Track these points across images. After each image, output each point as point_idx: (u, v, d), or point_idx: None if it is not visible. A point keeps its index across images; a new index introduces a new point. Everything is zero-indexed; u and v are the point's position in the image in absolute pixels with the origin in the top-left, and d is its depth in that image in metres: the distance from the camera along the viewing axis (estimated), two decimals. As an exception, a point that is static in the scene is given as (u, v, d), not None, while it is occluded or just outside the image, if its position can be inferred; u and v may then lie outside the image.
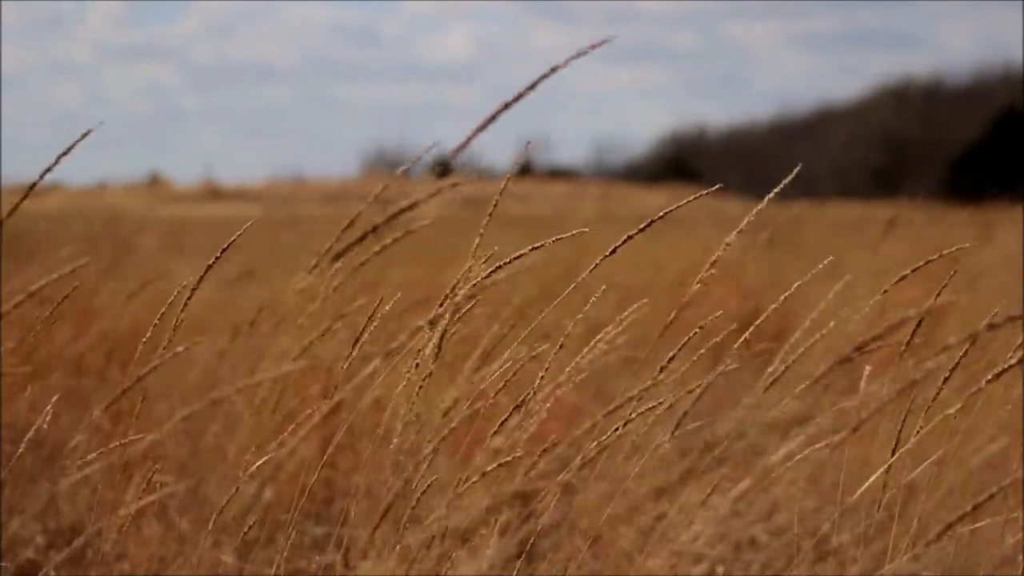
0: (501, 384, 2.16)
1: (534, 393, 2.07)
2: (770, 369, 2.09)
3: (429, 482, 1.97)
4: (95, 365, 4.60)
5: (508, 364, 2.18)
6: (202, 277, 2.15)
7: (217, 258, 2.10)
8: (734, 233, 2.06)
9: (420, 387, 2.03)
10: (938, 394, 2.13)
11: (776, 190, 2.13)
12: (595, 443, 2.01)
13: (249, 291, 6.37)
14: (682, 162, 57.17)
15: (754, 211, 2.11)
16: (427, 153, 2.11)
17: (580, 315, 2.16)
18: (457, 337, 2.16)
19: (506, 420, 1.94)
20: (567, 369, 2.13)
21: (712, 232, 8.45)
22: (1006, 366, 1.94)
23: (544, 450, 2.11)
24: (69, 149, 2.10)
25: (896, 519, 2.15)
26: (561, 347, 2.12)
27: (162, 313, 2.22)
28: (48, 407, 2.25)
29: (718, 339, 2.25)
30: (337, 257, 1.83)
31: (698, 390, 2.16)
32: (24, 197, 2.06)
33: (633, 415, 2.10)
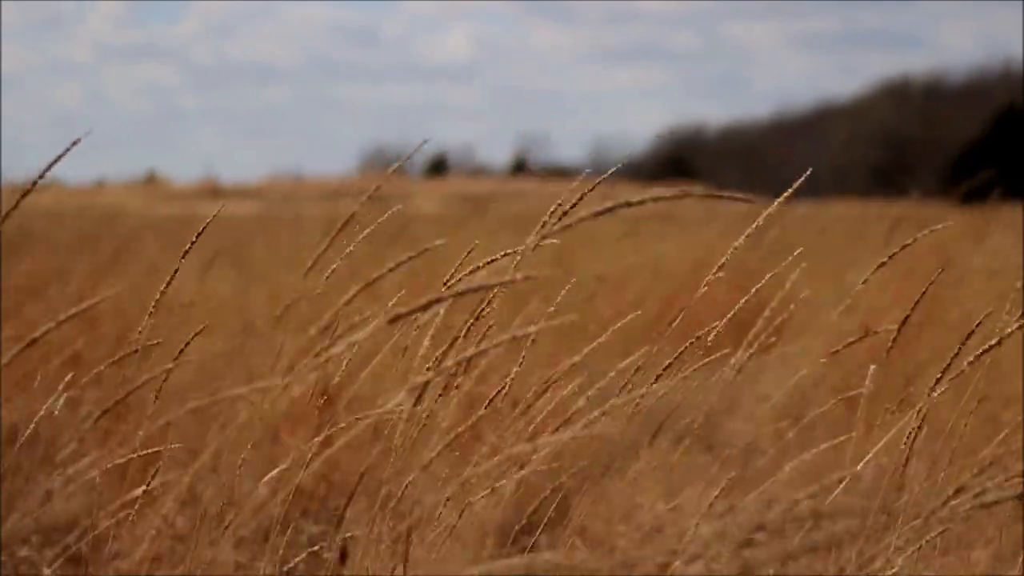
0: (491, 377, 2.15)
1: (507, 389, 2.07)
2: (744, 352, 2.08)
3: (413, 475, 1.97)
4: (93, 363, 4.59)
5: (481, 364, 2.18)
6: (179, 267, 2.16)
7: (193, 243, 2.10)
8: (743, 237, 2.06)
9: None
10: (933, 388, 2.12)
11: (787, 194, 2.13)
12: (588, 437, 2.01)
13: (253, 291, 6.37)
14: (681, 160, 57.15)
15: (761, 216, 2.10)
16: (419, 151, 2.10)
17: (551, 308, 2.16)
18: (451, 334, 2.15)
19: (499, 415, 1.94)
20: (566, 369, 2.13)
21: (711, 231, 8.45)
22: (988, 347, 1.94)
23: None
24: (69, 149, 2.10)
25: (893, 512, 2.14)
26: (533, 342, 2.12)
27: (161, 307, 2.22)
28: (46, 405, 2.25)
29: (735, 345, 2.24)
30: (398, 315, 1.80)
31: (695, 387, 2.16)
32: (24, 195, 2.05)
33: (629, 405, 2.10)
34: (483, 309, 2.12)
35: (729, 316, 2.24)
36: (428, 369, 2.06)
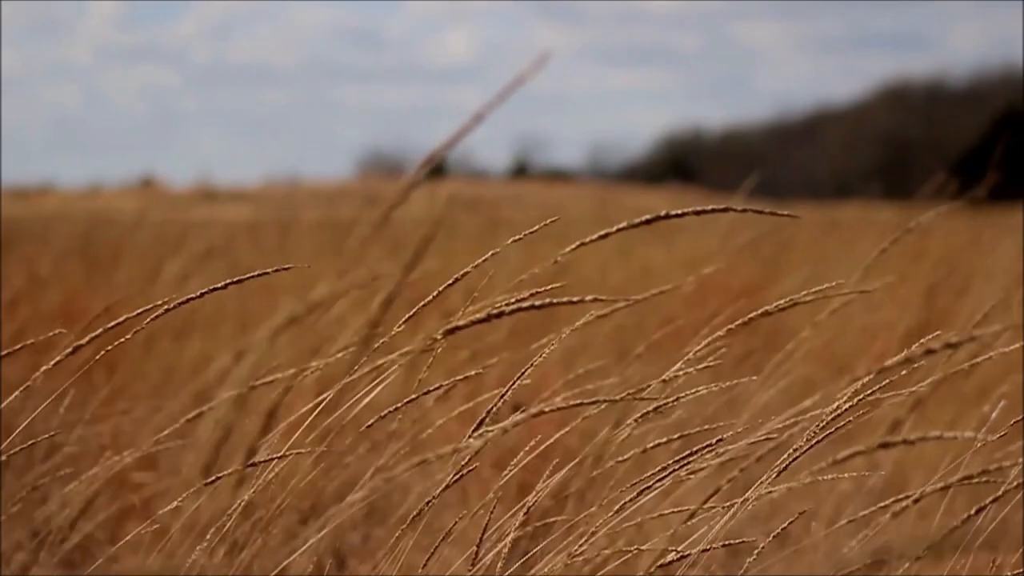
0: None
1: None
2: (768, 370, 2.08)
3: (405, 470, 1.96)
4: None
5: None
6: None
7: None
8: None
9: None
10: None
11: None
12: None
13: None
14: (680, 163, 57.12)
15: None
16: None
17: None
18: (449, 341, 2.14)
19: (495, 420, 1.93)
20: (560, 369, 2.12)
21: (710, 235, 8.43)
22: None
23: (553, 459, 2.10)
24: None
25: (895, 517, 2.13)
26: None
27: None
28: (40, 405, 2.24)
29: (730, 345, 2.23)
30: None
31: (693, 392, 2.15)
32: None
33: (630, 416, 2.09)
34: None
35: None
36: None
